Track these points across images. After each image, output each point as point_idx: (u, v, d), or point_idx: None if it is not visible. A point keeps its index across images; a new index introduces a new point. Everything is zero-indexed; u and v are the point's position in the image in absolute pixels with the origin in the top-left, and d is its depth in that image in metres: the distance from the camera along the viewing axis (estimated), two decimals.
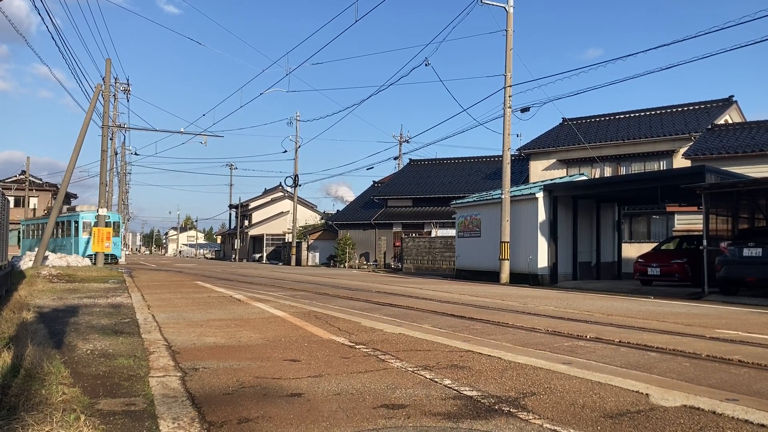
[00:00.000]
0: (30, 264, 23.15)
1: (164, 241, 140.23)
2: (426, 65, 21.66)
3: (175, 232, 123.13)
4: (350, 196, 64.33)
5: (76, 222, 34.43)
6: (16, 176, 55.51)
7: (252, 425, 3.34)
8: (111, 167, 37.08)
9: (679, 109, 29.34)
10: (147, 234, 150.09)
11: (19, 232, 45.66)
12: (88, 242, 32.81)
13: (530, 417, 3.51)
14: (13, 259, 26.77)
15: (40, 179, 57.34)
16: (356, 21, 19.74)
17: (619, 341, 6.57)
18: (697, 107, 28.89)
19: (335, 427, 3.30)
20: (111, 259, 33.82)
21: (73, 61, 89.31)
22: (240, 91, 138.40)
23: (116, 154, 42.81)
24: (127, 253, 57.58)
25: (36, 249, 33.38)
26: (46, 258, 24.68)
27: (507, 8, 20.40)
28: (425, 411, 3.63)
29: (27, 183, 51.95)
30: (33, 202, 54.28)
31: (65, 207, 31.63)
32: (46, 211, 36.82)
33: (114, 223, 34.26)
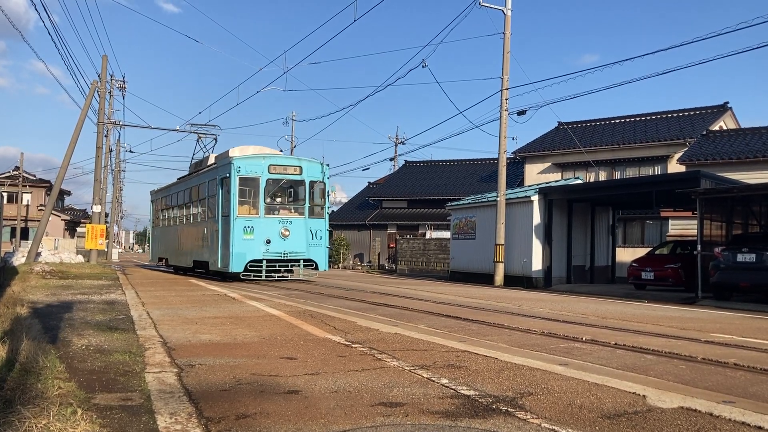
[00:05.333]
0: (23, 260, 23.05)
1: None
2: (423, 67, 21.58)
3: None
4: (342, 197, 64.29)
5: (226, 179, 16.64)
6: (9, 172, 55.23)
7: (250, 421, 3.32)
8: (105, 164, 36.94)
9: (675, 115, 29.46)
10: (140, 232, 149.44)
11: (150, 221, 28.88)
12: (255, 231, 16.13)
13: (528, 416, 3.51)
14: (6, 255, 26.65)
15: (34, 175, 57.06)
16: (355, 20, 19.61)
17: (615, 343, 6.58)
18: (692, 113, 29.01)
19: (333, 424, 3.29)
20: (306, 266, 17.00)
21: (70, 57, 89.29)
22: (236, 90, 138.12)
23: (111, 151, 42.63)
24: (120, 251, 57.37)
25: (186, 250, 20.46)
26: (39, 254, 24.56)
27: (505, 11, 20.43)
28: (423, 409, 3.62)
29: (21, 179, 51.68)
30: (26, 198, 54.00)
31: (212, 155, 19.56)
32: (194, 165, 22.30)
33: (310, 183, 17.05)
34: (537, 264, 19.42)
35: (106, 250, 35.47)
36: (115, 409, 3.46)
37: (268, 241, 16.24)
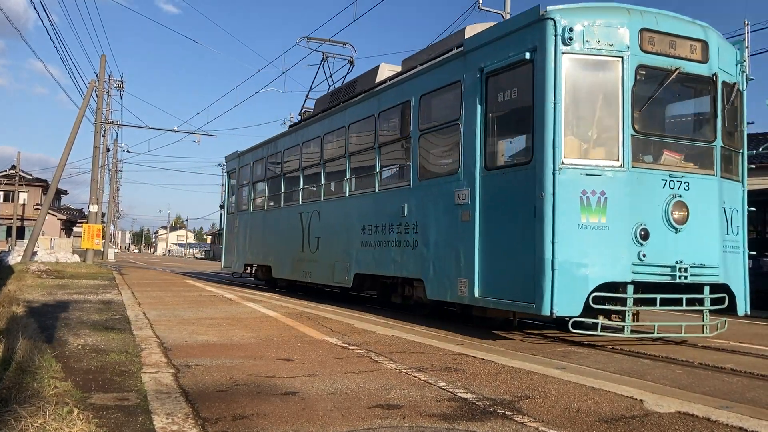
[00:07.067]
0: (19, 259, 22.99)
1: (154, 240, 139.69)
2: None
3: (165, 231, 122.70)
4: None
5: (514, 69, 6.69)
6: (6, 171, 55.14)
7: (247, 422, 3.31)
8: (103, 164, 36.90)
9: None
10: (137, 232, 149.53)
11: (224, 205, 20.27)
12: (608, 209, 6.07)
13: (526, 420, 3.51)
14: (2, 254, 26.62)
15: (31, 174, 57.01)
16: (354, 20, 19.67)
17: (612, 348, 6.59)
18: None
19: (331, 426, 3.29)
20: (714, 300, 6.74)
21: (68, 57, 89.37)
22: (235, 91, 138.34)
23: (108, 151, 42.60)
24: (116, 251, 57.32)
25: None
26: (35, 254, 24.50)
27: (504, 15, 20.46)
28: (421, 412, 3.62)
29: (17, 178, 51.58)
30: (23, 197, 53.91)
31: (385, 65, 10.67)
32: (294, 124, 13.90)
33: (724, 87, 6.88)
34: None
35: (102, 250, 35.40)
36: (111, 409, 3.45)
37: (644, 234, 6.39)
